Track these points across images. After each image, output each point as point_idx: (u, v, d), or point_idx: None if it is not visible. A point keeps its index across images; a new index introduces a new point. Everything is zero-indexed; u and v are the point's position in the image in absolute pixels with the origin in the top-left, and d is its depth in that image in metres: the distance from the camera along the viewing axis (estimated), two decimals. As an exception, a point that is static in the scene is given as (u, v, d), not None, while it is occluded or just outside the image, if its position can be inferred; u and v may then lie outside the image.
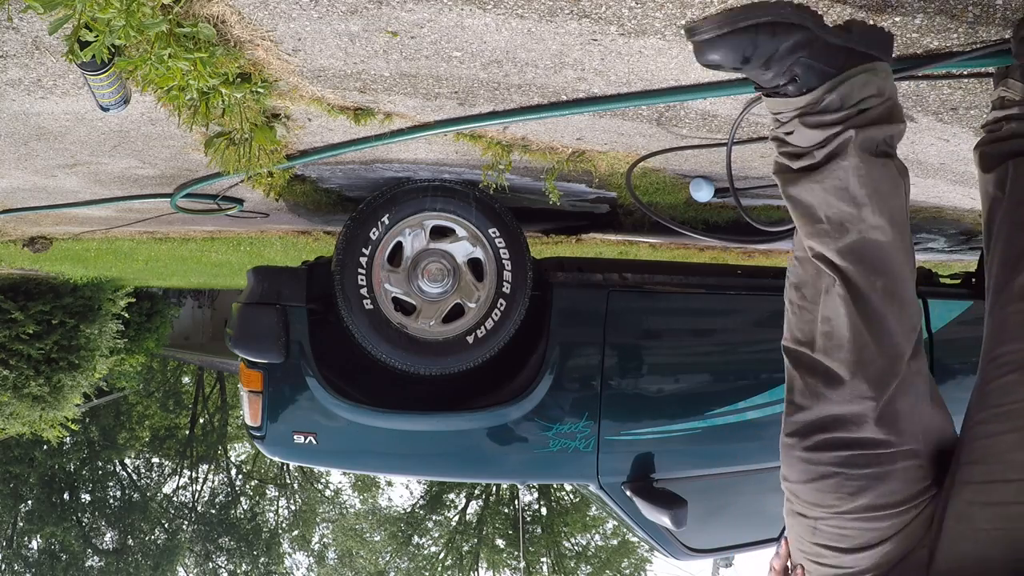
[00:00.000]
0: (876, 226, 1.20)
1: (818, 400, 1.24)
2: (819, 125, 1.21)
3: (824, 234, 1.23)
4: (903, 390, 1.23)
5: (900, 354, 1.23)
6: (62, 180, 3.48)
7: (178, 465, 23.37)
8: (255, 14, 1.63)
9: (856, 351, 1.21)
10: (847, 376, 1.22)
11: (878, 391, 1.21)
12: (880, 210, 1.20)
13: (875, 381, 1.21)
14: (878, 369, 1.21)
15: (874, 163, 1.20)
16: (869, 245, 1.21)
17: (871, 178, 1.20)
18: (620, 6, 1.51)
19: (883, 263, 1.21)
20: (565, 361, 3.06)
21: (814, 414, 1.25)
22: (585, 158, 2.76)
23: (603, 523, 19.45)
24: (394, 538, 21.30)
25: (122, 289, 10.29)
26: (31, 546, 19.33)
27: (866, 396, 1.21)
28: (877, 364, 1.21)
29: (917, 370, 1.26)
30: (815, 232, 1.24)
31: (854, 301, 1.21)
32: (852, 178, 1.19)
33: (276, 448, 3.10)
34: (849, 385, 1.22)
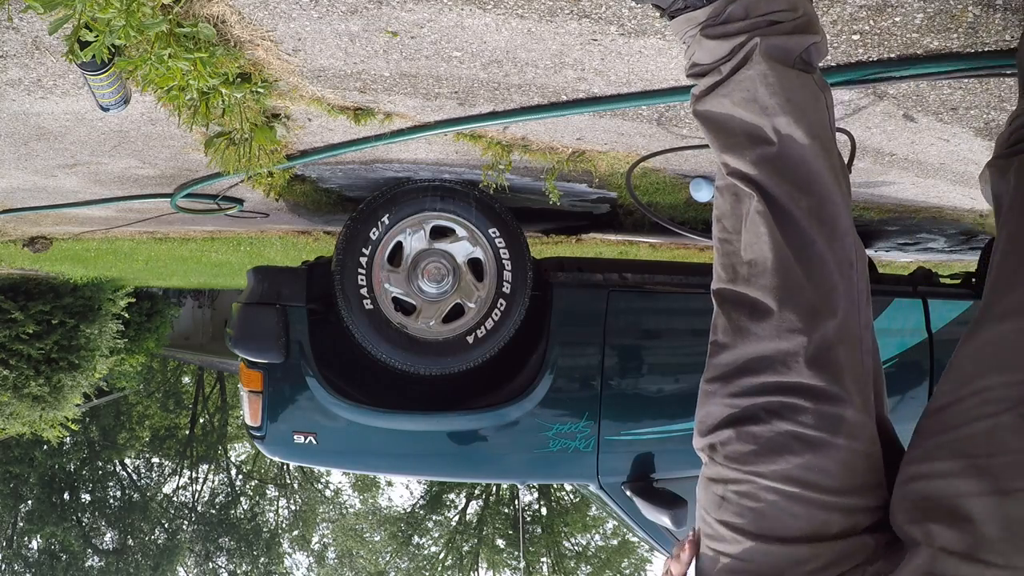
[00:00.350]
0: (793, 137, 1.06)
1: (743, 337, 1.08)
2: (722, 36, 1.10)
3: (737, 147, 1.09)
4: (845, 338, 1.06)
5: (834, 286, 1.06)
6: (62, 180, 3.48)
7: (178, 465, 23.37)
8: (255, 14, 1.63)
9: (781, 274, 1.06)
10: (774, 305, 1.06)
11: (809, 324, 1.04)
12: (796, 120, 1.06)
13: (805, 312, 1.05)
14: (808, 299, 1.05)
15: (786, 72, 1.08)
16: (788, 158, 1.07)
17: (782, 86, 1.06)
18: (620, 6, 1.51)
19: (806, 181, 1.07)
20: (565, 361, 3.06)
21: (739, 354, 1.09)
22: (585, 158, 2.76)
23: (603, 523, 19.46)
24: (394, 538, 21.30)
25: (122, 289, 10.30)
26: (31, 546, 19.34)
27: (795, 328, 1.05)
28: (807, 293, 1.05)
29: (866, 324, 1.09)
30: (727, 146, 1.11)
31: (775, 217, 1.06)
32: (760, 87, 1.07)
33: (276, 448, 3.10)
34: (776, 316, 1.06)
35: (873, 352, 1.12)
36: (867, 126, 2.18)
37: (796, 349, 1.04)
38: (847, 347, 1.06)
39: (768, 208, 1.07)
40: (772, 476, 1.03)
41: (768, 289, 1.07)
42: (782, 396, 1.04)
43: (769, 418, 1.04)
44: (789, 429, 1.03)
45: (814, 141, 1.07)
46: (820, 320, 1.05)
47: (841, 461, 1.02)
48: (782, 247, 1.06)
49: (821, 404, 1.03)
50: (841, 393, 1.03)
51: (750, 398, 1.06)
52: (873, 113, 2.07)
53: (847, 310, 1.07)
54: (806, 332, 1.04)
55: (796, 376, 1.04)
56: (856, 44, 1.63)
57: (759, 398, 1.06)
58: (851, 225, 1.10)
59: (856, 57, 1.68)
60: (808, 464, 1.01)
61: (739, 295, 1.11)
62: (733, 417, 1.07)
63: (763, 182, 1.07)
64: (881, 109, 2.04)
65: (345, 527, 22.25)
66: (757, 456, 1.04)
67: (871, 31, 1.57)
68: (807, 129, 1.07)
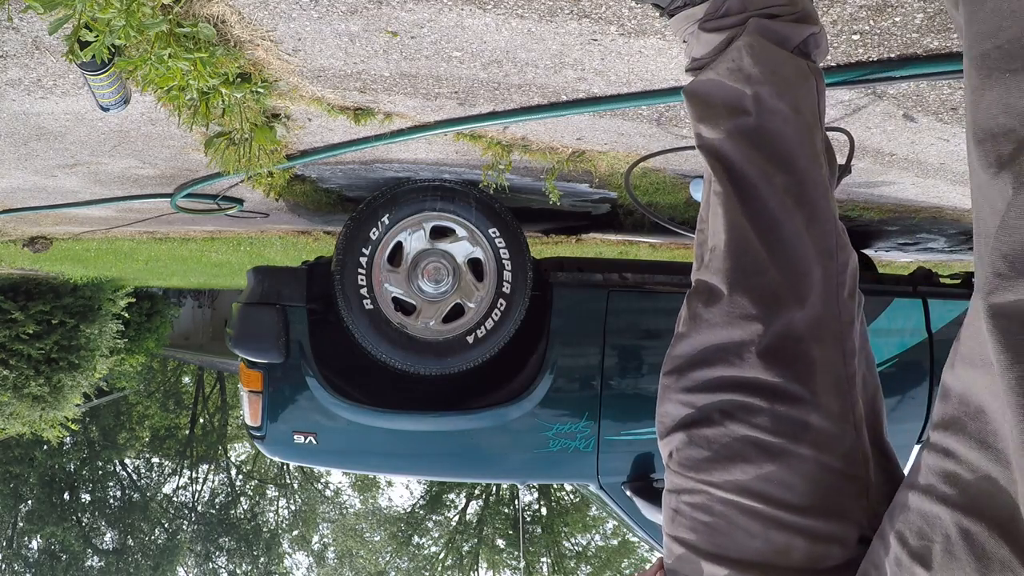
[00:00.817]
0: (774, 109, 0.98)
1: (696, 325, 0.98)
2: (718, 29, 1.06)
3: (713, 116, 1.02)
4: (818, 334, 0.93)
5: (804, 273, 0.94)
6: (62, 180, 3.48)
7: (178, 465, 23.38)
8: (255, 14, 1.63)
9: (736, 255, 0.95)
10: (724, 288, 0.95)
11: (766, 311, 0.92)
12: (779, 92, 0.98)
13: (763, 297, 0.93)
14: (768, 284, 0.93)
15: (775, 48, 1.01)
16: (765, 131, 0.98)
17: (768, 58, 1.00)
18: (620, 6, 1.51)
19: (784, 157, 0.97)
20: (565, 361, 3.06)
21: (693, 343, 0.98)
22: (585, 158, 2.76)
23: (603, 523, 19.46)
24: (394, 538, 21.30)
25: (122, 289, 10.30)
26: (31, 546, 19.34)
27: (748, 315, 0.93)
28: (767, 277, 0.94)
29: (849, 321, 0.95)
30: (704, 116, 1.03)
31: (739, 194, 0.97)
32: (745, 56, 1.00)
33: (276, 448, 3.11)
34: (727, 300, 0.95)
35: (863, 359, 0.98)
36: (867, 126, 2.18)
37: (749, 338, 0.92)
38: (821, 345, 0.93)
39: (732, 186, 0.98)
40: (726, 486, 0.90)
41: (721, 272, 0.97)
42: (736, 394, 0.92)
43: (723, 419, 0.92)
44: (744, 433, 0.91)
45: (797, 116, 0.99)
46: (782, 308, 0.93)
47: (806, 475, 0.88)
48: (740, 226, 0.96)
49: (778, 405, 0.90)
50: (803, 394, 0.90)
51: (704, 395, 0.95)
52: (873, 113, 2.07)
53: (822, 302, 0.94)
54: (761, 319, 0.92)
55: (750, 370, 0.92)
56: (856, 44, 1.63)
57: (713, 395, 0.94)
58: (834, 215, 0.99)
59: (856, 57, 1.68)
60: (767, 475, 0.88)
61: (700, 282, 1.01)
62: (688, 418, 0.96)
63: (733, 156, 0.99)
64: (881, 109, 2.04)
65: (345, 527, 22.26)
66: (710, 463, 0.92)
67: (871, 31, 1.57)
68: (790, 103, 0.99)
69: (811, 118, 1.01)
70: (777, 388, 0.91)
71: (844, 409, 0.91)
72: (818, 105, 1.03)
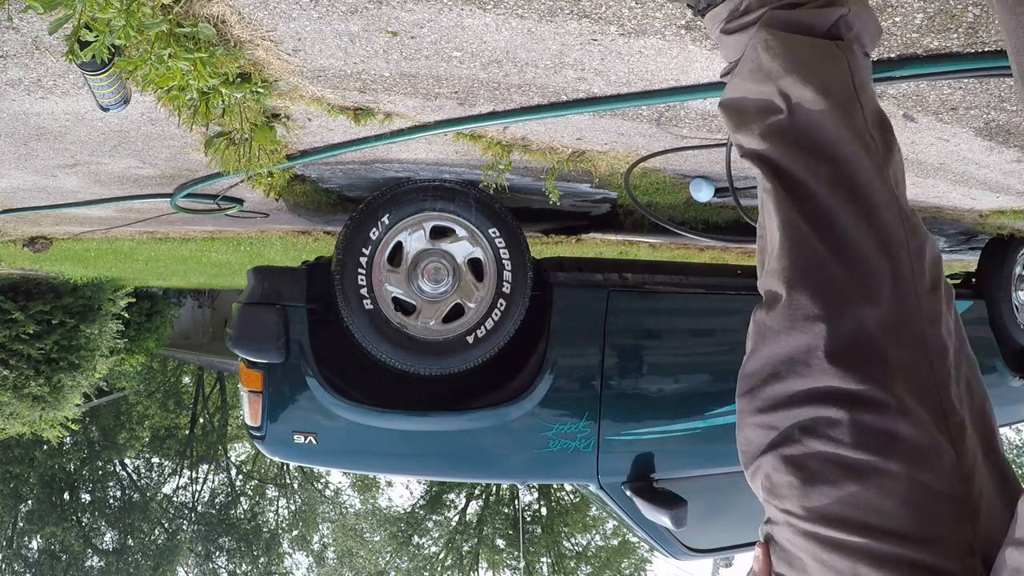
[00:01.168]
0: (801, 99, 0.92)
1: (762, 336, 0.89)
2: (740, 28, 1.02)
3: (748, 122, 0.97)
4: (896, 334, 0.82)
5: (873, 268, 0.84)
6: (62, 180, 3.48)
7: (178, 465, 23.38)
8: (255, 14, 1.63)
9: (793, 252, 0.87)
10: (783, 288, 0.87)
11: (829, 309, 0.83)
12: (803, 79, 0.92)
13: (823, 294, 0.84)
14: (830, 279, 0.84)
15: (792, 37, 0.96)
16: (799, 124, 0.92)
17: (784, 48, 0.94)
18: (620, 6, 1.51)
19: (823, 146, 0.90)
20: (565, 361, 3.06)
21: (760, 358, 0.89)
22: (585, 158, 2.76)
23: (603, 523, 19.46)
24: (394, 538, 21.30)
25: (122, 289, 10.30)
26: (31, 546, 19.34)
27: (810, 315, 0.83)
28: (826, 271, 0.85)
29: (933, 319, 0.83)
30: (739, 124, 0.98)
31: (788, 191, 0.90)
32: (762, 53, 0.95)
33: (276, 448, 3.11)
34: (786, 301, 0.86)
35: (964, 361, 0.86)
36: (867, 126, 2.18)
37: (814, 342, 0.82)
38: (899, 346, 0.81)
39: (779, 183, 0.91)
40: (808, 516, 0.79)
41: (777, 272, 0.88)
42: (811, 407, 0.81)
43: (801, 436, 0.81)
44: (823, 450, 0.79)
45: (827, 100, 0.91)
46: (848, 306, 0.83)
47: (899, 496, 0.75)
48: (793, 222, 0.88)
49: (859, 414, 0.78)
50: (886, 399, 0.78)
51: (779, 413, 0.85)
52: (873, 113, 2.07)
53: (896, 298, 0.83)
54: (825, 319, 0.82)
55: (821, 377, 0.81)
56: (856, 44, 1.63)
57: (789, 411, 0.83)
58: (893, 199, 0.89)
59: (856, 57, 1.68)
60: (851, 499, 0.76)
61: (763, 292, 0.94)
62: (771, 441, 0.85)
63: (774, 156, 0.93)
64: (881, 109, 2.04)
65: (345, 527, 22.26)
66: (790, 489, 0.81)
67: (871, 31, 1.57)
68: (817, 88, 0.92)
69: (843, 97, 0.93)
70: (855, 395, 0.79)
71: (937, 417, 0.79)
72: (852, 81, 0.95)
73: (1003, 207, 3.42)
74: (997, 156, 2.45)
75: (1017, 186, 2.93)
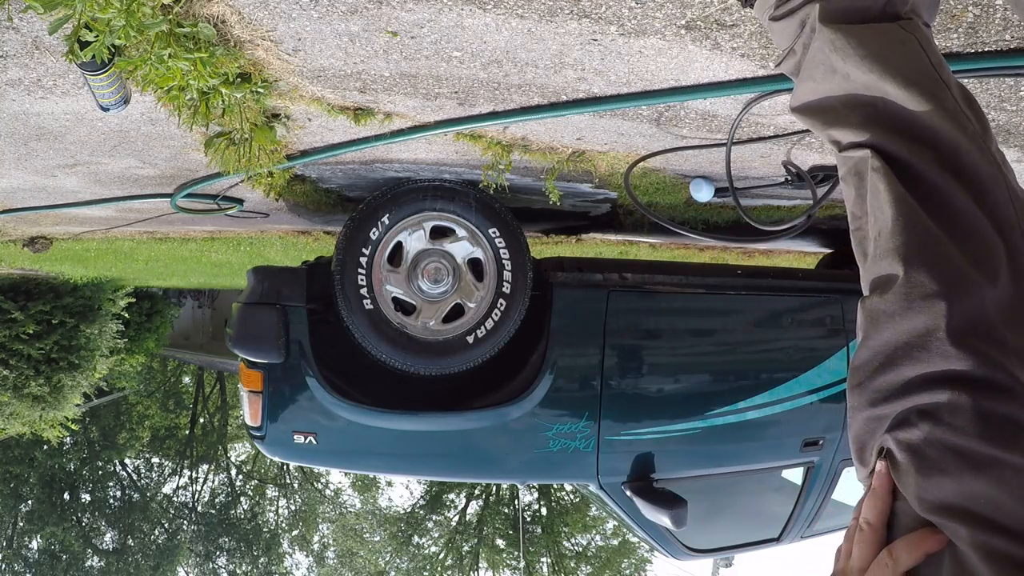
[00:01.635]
0: (888, 94, 0.89)
1: (875, 322, 0.83)
2: (788, 13, 1.00)
3: (840, 119, 0.94)
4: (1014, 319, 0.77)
5: (991, 246, 0.80)
6: (62, 180, 3.48)
7: (178, 465, 23.38)
8: (255, 14, 1.63)
9: (908, 229, 0.82)
10: (899, 268, 0.81)
11: (949, 287, 0.77)
12: (883, 74, 0.89)
13: (942, 271, 0.78)
14: (949, 255, 0.79)
15: (854, 29, 0.93)
16: (892, 115, 0.89)
17: (852, 45, 0.92)
18: (620, 6, 1.51)
19: (921, 133, 0.87)
20: (565, 361, 3.06)
21: (873, 346, 0.82)
22: (585, 158, 2.76)
23: (603, 523, 19.46)
24: (394, 538, 21.30)
25: (122, 289, 10.30)
26: (31, 546, 19.34)
27: (929, 293, 0.78)
28: (943, 248, 0.79)
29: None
30: (830, 122, 0.95)
31: (896, 170, 0.86)
32: (832, 55, 0.93)
33: (276, 448, 3.11)
34: (903, 281, 0.80)
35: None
36: (867, 126, 2.17)
37: (934, 322, 0.77)
38: (1018, 333, 0.77)
39: (885, 162, 0.86)
40: (921, 506, 0.75)
41: (891, 251, 0.83)
42: (931, 391, 0.76)
43: (919, 421, 0.76)
44: (941, 437, 0.74)
45: (913, 89, 0.88)
46: (969, 283, 0.78)
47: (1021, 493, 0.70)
48: (905, 199, 0.83)
49: (983, 399, 0.73)
50: (1014, 385, 0.73)
51: (893, 403, 0.79)
52: (873, 113, 2.07)
53: (1013, 282, 0.78)
54: (946, 296, 0.77)
55: (941, 360, 0.76)
56: (856, 44, 1.63)
57: (905, 401, 0.78)
58: (1001, 176, 0.85)
59: (856, 57, 1.68)
60: (969, 492, 0.71)
61: (870, 281, 0.88)
62: (888, 427, 0.80)
63: (876, 141, 0.89)
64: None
65: (345, 527, 22.26)
66: (903, 476, 0.77)
67: (871, 31, 1.57)
68: (900, 80, 0.88)
69: (927, 81, 0.89)
70: (979, 379, 0.74)
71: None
72: (929, 60, 0.92)
73: (1003, 207, 3.42)
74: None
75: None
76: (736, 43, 1.64)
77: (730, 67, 1.76)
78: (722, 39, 1.62)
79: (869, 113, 0.90)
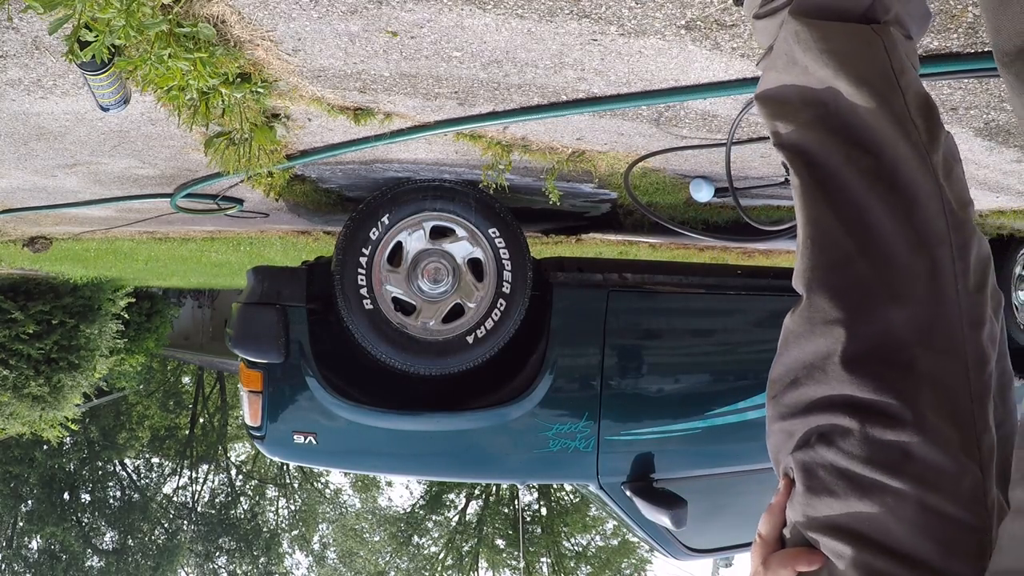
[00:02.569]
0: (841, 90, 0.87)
1: (785, 339, 0.85)
2: (770, 13, 0.98)
3: (789, 112, 0.92)
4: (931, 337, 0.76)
5: (905, 264, 0.78)
6: (62, 180, 3.48)
7: (178, 465, 23.38)
8: (255, 14, 1.63)
9: (813, 252, 0.82)
10: (803, 290, 0.83)
11: (849, 312, 0.78)
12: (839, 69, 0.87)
13: (843, 296, 0.79)
14: (853, 279, 0.79)
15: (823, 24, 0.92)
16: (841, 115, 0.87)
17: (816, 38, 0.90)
18: (620, 6, 1.51)
19: (866, 137, 0.85)
20: (565, 361, 3.06)
21: (783, 362, 0.85)
22: (585, 158, 2.76)
23: (603, 523, 19.46)
24: (394, 538, 21.31)
25: (122, 289, 10.30)
26: (31, 546, 19.35)
27: (829, 319, 0.78)
28: (852, 271, 0.79)
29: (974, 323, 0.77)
30: (780, 112, 0.93)
31: (817, 183, 0.85)
32: (795, 46, 0.92)
33: (276, 448, 3.11)
34: (806, 303, 0.82)
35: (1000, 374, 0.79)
36: (867, 126, 2.17)
37: (832, 347, 0.77)
38: (932, 352, 0.75)
39: (810, 176, 0.86)
40: (815, 526, 0.76)
41: (800, 273, 0.83)
42: (828, 414, 0.77)
43: (816, 443, 0.78)
44: (832, 461, 0.75)
45: (864, 88, 0.86)
46: (872, 307, 0.77)
47: (905, 519, 0.70)
48: (819, 217, 0.83)
49: (872, 426, 0.73)
50: (903, 412, 0.72)
51: (798, 420, 0.81)
52: (873, 113, 2.07)
53: (933, 298, 0.77)
54: (844, 322, 0.77)
55: (837, 385, 0.77)
56: (856, 44, 1.63)
57: (806, 419, 0.80)
58: (936, 190, 0.82)
59: (856, 57, 1.68)
60: (854, 514, 0.73)
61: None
62: (794, 445, 0.82)
63: (811, 146, 0.88)
64: (881, 109, 2.04)
65: (345, 527, 22.26)
66: (803, 500, 0.78)
67: (871, 31, 1.57)
68: (853, 77, 0.87)
69: (882, 84, 0.87)
70: (870, 405, 0.74)
71: (966, 437, 0.73)
72: (891, 66, 0.89)
73: (1003, 207, 3.42)
74: (997, 156, 2.45)
75: (1017, 186, 2.93)
76: (736, 43, 1.65)
77: (730, 67, 1.76)
78: (722, 39, 1.63)
79: (820, 113, 0.89)
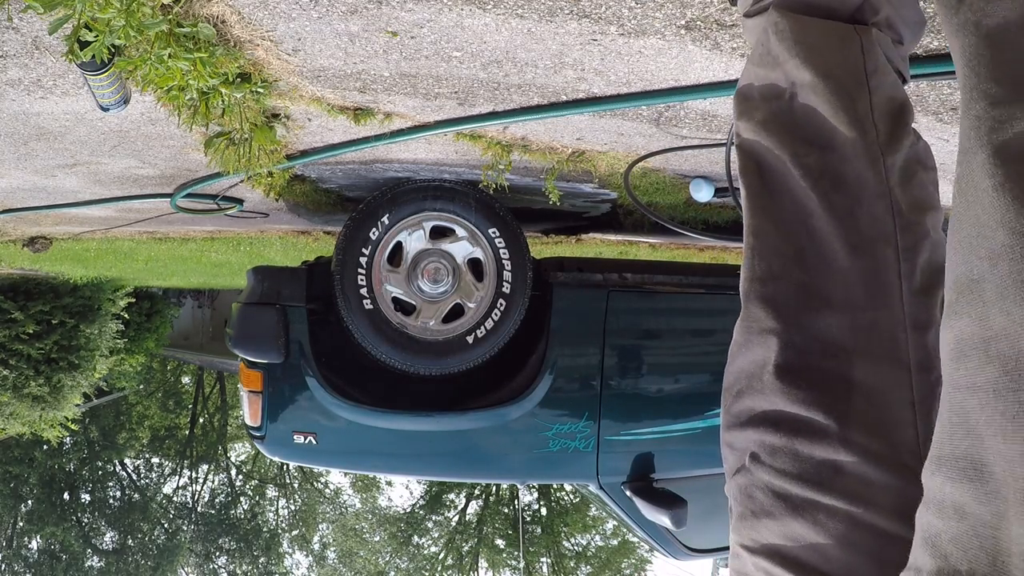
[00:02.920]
0: (803, 83, 0.83)
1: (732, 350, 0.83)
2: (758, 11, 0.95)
3: (750, 110, 0.89)
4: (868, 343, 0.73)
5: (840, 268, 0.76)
6: (62, 180, 3.48)
7: (178, 465, 23.37)
8: (255, 14, 1.63)
9: (751, 261, 0.80)
10: (742, 298, 0.81)
11: (781, 320, 0.75)
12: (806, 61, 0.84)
13: (776, 304, 0.76)
14: (787, 287, 0.76)
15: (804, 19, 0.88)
16: (798, 110, 0.84)
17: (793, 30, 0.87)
18: (620, 6, 1.51)
19: (819, 133, 0.81)
20: (565, 361, 3.06)
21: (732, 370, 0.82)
22: (585, 158, 2.76)
23: (603, 523, 19.46)
24: (394, 538, 21.30)
25: (122, 289, 10.30)
26: (31, 546, 19.34)
27: (763, 328, 0.76)
28: (787, 279, 0.77)
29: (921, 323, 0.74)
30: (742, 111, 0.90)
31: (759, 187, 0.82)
32: (771, 36, 0.88)
33: (276, 448, 3.11)
34: (744, 313, 0.80)
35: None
36: (867, 126, 2.17)
37: (766, 356, 0.75)
38: (868, 359, 0.72)
39: (756, 181, 0.83)
40: (756, 549, 0.73)
41: (740, 282, 0.82)
42: (760, 430, 0.75)
43: (751, 463, 0.75)
44: (767, 480, 0.73)
45: (827, 83, 0.82)
46: (808, 314, 0.75)
47: (837, 536, 0.68)
48: (760, 225, 0.81)
49: (799, 440, 0.71)
50: (827, 425, 0.70)
51: (738, 433, 0.78)
52: (873, 113, 2.07)
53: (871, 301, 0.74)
54: (779, 331, 0.75)
55: (770, 396, 0.74)
56: (856, 44, 1.63)
57: (744, 433, 0.77)
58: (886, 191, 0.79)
59: (856, 57, 1.68)
60: (792, 535, 0.70)
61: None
62: (732, 466, 0.80)
63: (762, 145, 0.85)
64: (881, 109, 2.04)
65: (345, 527, 22.26)
66: (741, 520, 0.76)
67: (871, 31, 1.57)
68: (819, 70, 0.83)
69: (848, 80, 0.84)
70: (798, 419, 0.72)
71: (895, 447, 0.70)
72: (864, 65, 0.85)
73: (1003, 207, 3.42)
74: (997, 156, 2.44)
75: (1017, 186, 2.92)
76: (736, 43, 1.65)
77: (730, 67, 1.76)
78: (722, 39, 1.63)
79: (774, 109, 0.86)
